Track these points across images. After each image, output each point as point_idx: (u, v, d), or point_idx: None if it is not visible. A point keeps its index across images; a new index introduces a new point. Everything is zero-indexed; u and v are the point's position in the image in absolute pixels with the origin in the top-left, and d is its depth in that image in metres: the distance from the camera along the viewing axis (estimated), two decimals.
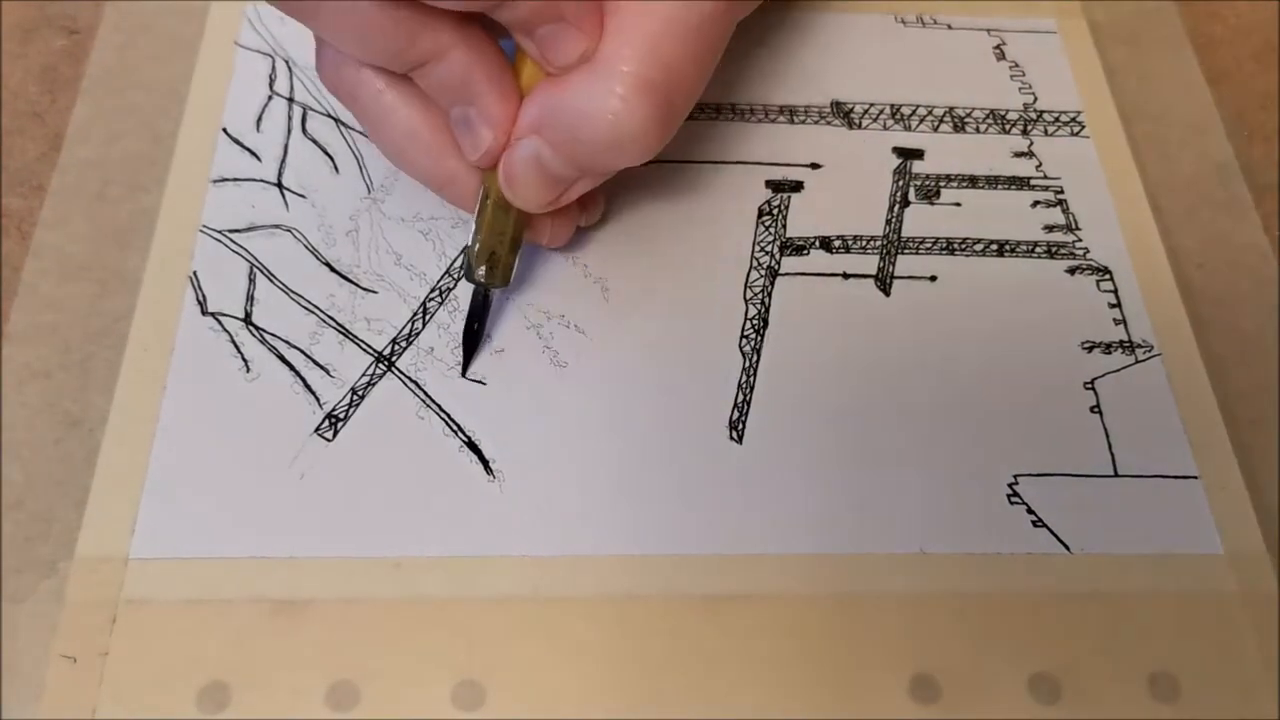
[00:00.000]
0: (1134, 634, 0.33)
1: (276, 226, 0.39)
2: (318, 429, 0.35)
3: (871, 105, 0.44)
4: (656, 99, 0.32)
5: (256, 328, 0.37)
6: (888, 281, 0.39)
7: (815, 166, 0.42)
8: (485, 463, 0.35)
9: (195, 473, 0.34)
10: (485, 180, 0.35)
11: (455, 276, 0.38)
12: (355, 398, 0.35)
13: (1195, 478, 0.36)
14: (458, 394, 0.36)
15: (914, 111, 0.44)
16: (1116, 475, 0.36)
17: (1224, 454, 0.36)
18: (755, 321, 0.38)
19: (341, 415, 0.35)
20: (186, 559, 0.33)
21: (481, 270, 0.36)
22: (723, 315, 0.38)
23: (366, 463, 0.34)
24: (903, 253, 0.40)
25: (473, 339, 0.37)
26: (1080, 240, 0.41)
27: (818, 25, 0.46)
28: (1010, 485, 0.35)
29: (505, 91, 0.33)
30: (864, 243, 0.40)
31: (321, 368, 0.36)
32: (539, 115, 0.33)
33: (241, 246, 0.38)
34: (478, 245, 0.36)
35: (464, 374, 0.37)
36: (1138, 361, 0.38)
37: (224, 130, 0.41)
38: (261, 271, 0.38)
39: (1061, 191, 0.42)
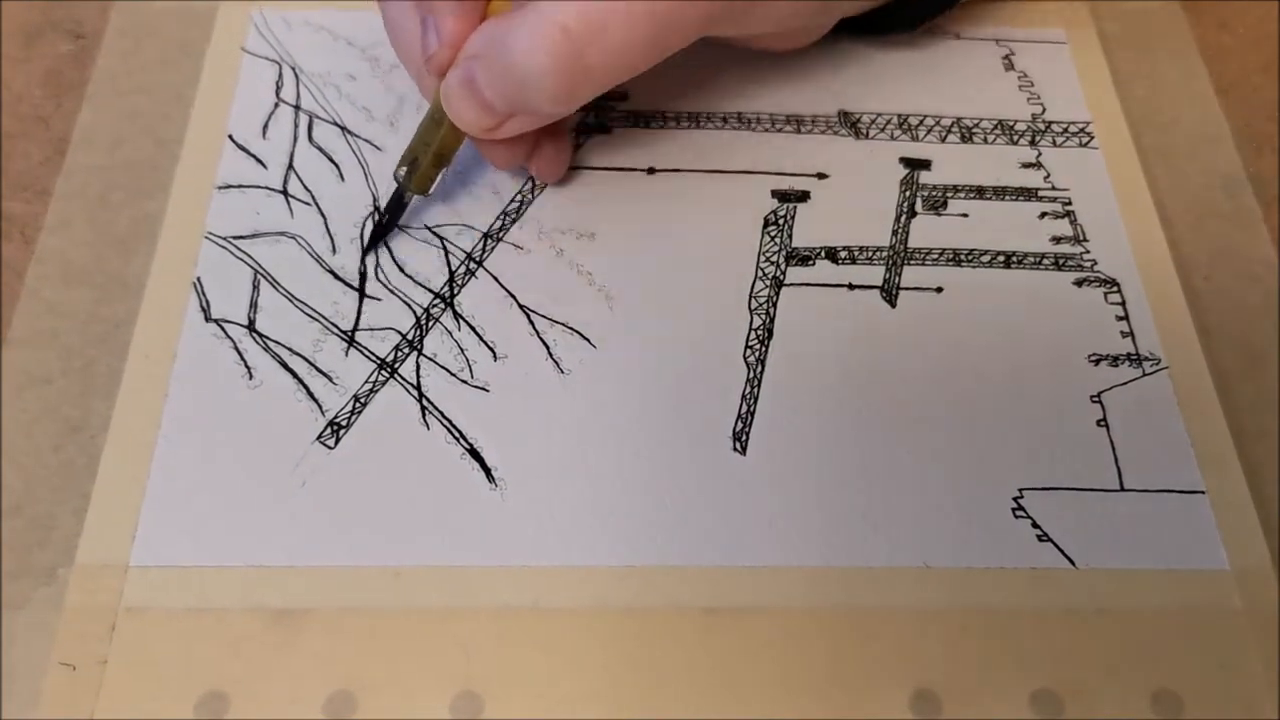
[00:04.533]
0: (1138, 650, 0.33)
1: (281, 234, 0.39)
2: (319, 437, 0.35)
3: (879, 115, 0.43)
4: (569, 49, 0.33)
5: (260, 334, 0.37)
6: (893, 292, 0.39)
7: (822, 176, 0.42)
8: (487, 471, 0.35)
9: (196, 480, 0.34)
10: (437, 91, 0.37)
11: (460, 283, 0.38)
12: (357, 405, 0.35)
13: (1201, 493, 0.36)
14: (460, 401, 0.36)
15: (921, 121, 0.43)
16: (1122, 489, 0.36)
17: (1231, 469, 0.36)
18: (760, 332, 0.38)
19: (343, 423, 0.35)
20: (187, 567, 0.32)
21: (401, 170, 0.38)
22: (727, 325, 0.38)
23: (368, 471, 0.34)
24: (909, 264, 0.40)
25: (378, 231, 0.39)
26: (1088, 252, 0.40)
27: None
28: (1015, 499, 0.35)
29: (462, 11, 0.35)
30: (870, 253, 0.40)
31: (324, 375, 0.36)
32: (482, 41, 0.35)
33: (246, 253, 0.38)
34: (408, 146, 0.38)
35: (362, 259, 0.39)
36: (1145, 375, 0.38)
37: (230, 137, 0.41)
38: (265, 278, 0.38)
39: (1069, 203, 0.42)
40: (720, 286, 0.39)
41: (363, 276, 0.38)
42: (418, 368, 0.36)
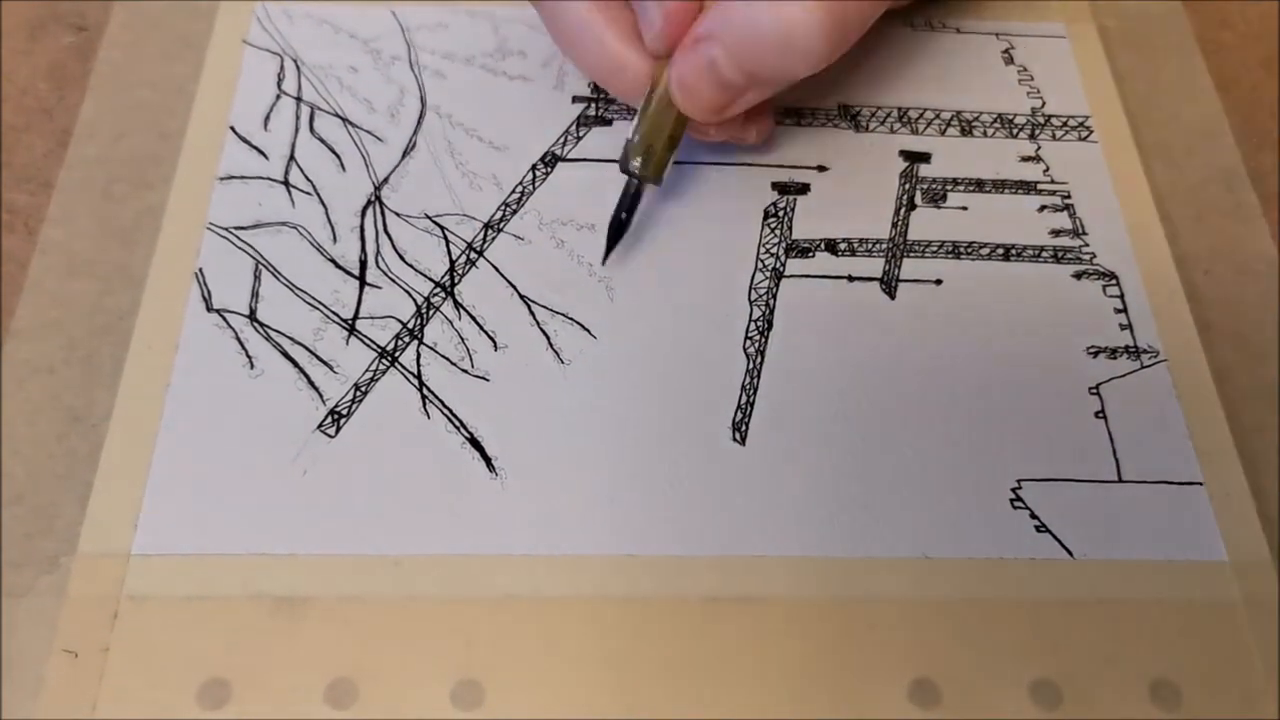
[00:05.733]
0: (1136, 641, 0.33)
1: (282, 224, 0.39)
2: (320, 425, 0.35)
3: (879, 108, 0.44)
4: (834, 10, 0.34)
5: (261, 324, 0.37)
6: (893, 285, 0.39)
7: (822, 169, 0.42)
8: (487, 460, 0.35)
9: (198, 469, 0.34)
10: (656, 74, 0.37)
11: (461, 273, 0.38)
12: (358, 394, 0.36)
13: (1200, 484, 0.36)
14: (461, 390, 0.36)
15: (921, 115, 0.44)
16: (1121, 481, 0.36)
17: (1229, 460, 0.36)
18: (760, 323, 0.38)
19: (344, 411, 0.35)
20: (188, 555, 0.33)
21: (637, 162, 0.37)
22: (727, 316, 0.38)
23: (368, 459, 0.34)
24: (908, 256, 0.40)
25: (618, 229, 0.38)
26: (1087, 245, 0.41)
27: None
28: (1014, 490, 0.35)
29: None
30: (869, 246, 0.40)
31: (325, 364, 0.36)
32: (717, 19, 0.35)
33: (247, 243, 0.38)
34: (638, 138, 0.37)
35: (604, 262, 0.39)
36: (1143, 367, 0.38)
37: (231, 128, 0.41)
38: (267, 268, 0.38)
39: (1069, 196, 0.42)
40: (720, 278, 0.39)
41: (363, 264, 0.38)
42: (418, 357, 0.36)
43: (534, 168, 0.41)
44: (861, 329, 0.38)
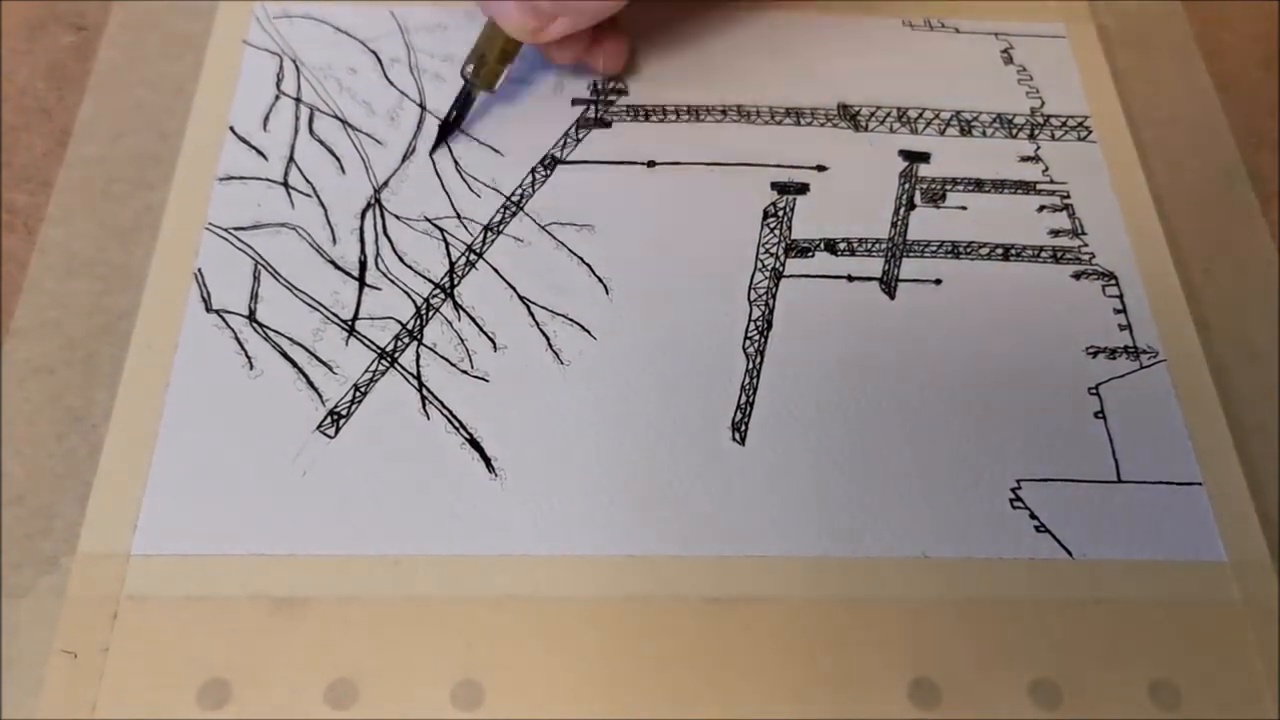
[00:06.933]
0: (1136, 641, 0.33)
1: (282, 224, 0.39)
2: (320, 426, 0.35)
3: (878, 108, 0.44)
4: None
5: (260, 325, 0.37)
6: (892, 284, 0.39)
7: (821, 169, 0.42)
8: (487, 461, 0.35)
9: (197, 470, 0.34)
10: None
11: (460, 274, 0.38)
12: (358, 394, 0.36)
13: (1199, 484, 0.36)
14: (461, 391, 0.36)
15: (920, 115, 0.44)
16: (1120, 481, 0.36)
17: (1228, 461, 0.36)
18: (759, 323, 0.38)
19: (344, 412, 0.35)
20: (188, 555, 0.33)
21: (469, 68, 0.41)
22: (726, 316, 0.38)
23: (368, 460, 0.34)
24: (908, 256, 0.40)
25: (448, 126, 0.42)
26: (1086, 245, 0.41)
27: (825, 28, 0.46)
28: (1013, 490, 0.35)
29: None
30: (869, 245, 0.40)
31: (324, 364, 0.36)
32: None
33: (246, 244, 0.38)
34: (473, 47, 0.41)
35: (431, 153, 0.41)
36: (1142, 367, 0.38)
37: (231, 129, 0.41)
38: (266, 269, 0.38)
39: (1068, 196, 0.42)
40: (720, 278, 0.39)
41: (362, 266, 0.38)
42: (418, 357, 0.36)
43: (533, 170, 0.41)
44: (861, 328, 0.38)
